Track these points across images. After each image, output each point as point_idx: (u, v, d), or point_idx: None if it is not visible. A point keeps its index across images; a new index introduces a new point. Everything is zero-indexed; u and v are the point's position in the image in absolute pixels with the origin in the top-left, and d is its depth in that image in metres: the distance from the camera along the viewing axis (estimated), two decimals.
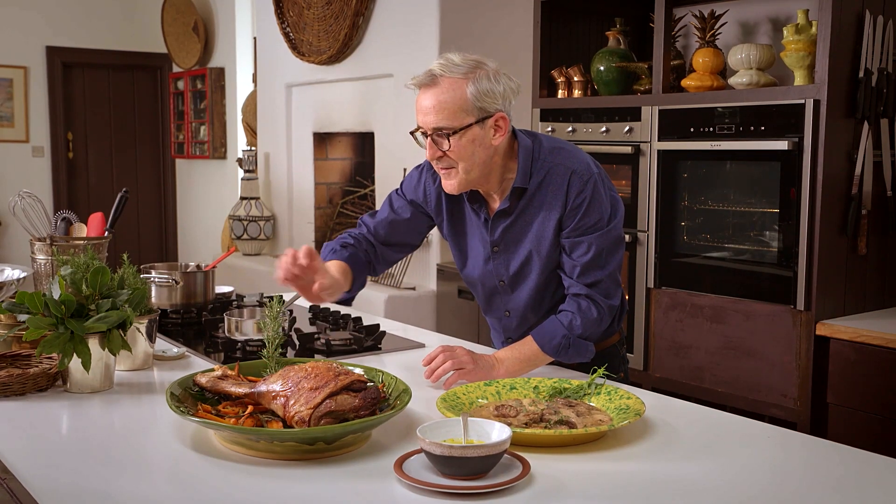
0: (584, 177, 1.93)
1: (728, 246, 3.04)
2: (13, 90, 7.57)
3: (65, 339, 1.80)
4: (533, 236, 1.99)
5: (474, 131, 1.87)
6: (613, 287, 2.00)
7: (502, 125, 1.91)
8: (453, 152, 1.88)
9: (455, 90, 1.85)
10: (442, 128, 1.87)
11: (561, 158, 1.96)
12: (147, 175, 8.35)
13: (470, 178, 1.93)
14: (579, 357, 1.97)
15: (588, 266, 1.95)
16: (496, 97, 1.87)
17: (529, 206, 1.98)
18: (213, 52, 7.18)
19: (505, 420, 1.64)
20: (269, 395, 1.61)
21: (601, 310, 1.97)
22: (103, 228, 2.58)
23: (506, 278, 2.07)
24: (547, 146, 1.99)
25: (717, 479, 1.44)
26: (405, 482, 1.37)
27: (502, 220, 2.01)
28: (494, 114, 1.89)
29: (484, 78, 1.86)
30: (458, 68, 1.85)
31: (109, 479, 1.40)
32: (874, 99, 2.77)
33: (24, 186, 7.56)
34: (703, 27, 3.28)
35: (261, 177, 5.93)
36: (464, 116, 1.86)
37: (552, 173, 1.95)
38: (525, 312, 2.10)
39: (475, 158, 1.90)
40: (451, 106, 1.85)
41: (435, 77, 1.86)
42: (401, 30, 4.47)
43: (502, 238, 2.03)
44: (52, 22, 7.65)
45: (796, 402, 2.81)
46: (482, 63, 1.89)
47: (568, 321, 1.95)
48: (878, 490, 1.42)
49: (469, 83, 1.85)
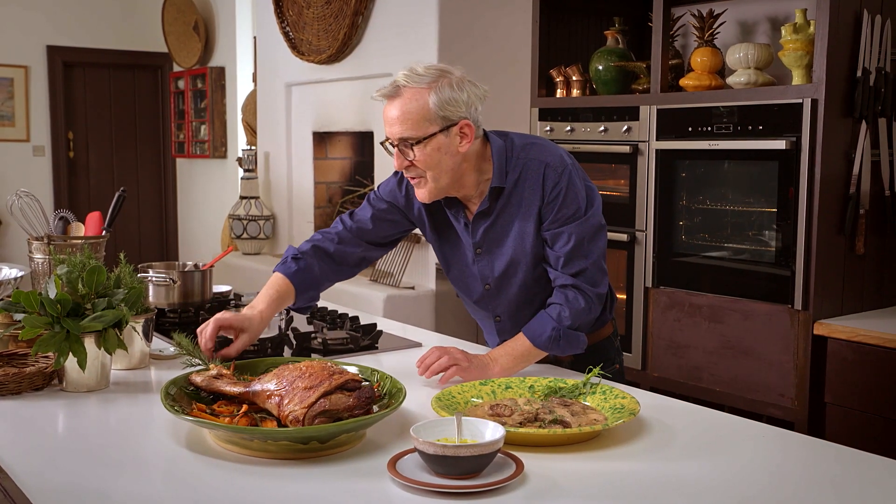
0: (559, 169, 1.96)
1: (726, 245, 3.04)
2: (14, 89, 7.58)
3: (60, 338, 1.80)
4: (515, 234, 2.01)
5: (439, 140, 1.89)
6: (599, 275, 2.00)
7: (468, 132, 1.92)
8: (420, 161, 1.91)
9: (417, 100, 1.87)
10: (406, 138, 1.89)
11: (534, 153, 1.99)
12: (148, 174, 8.36)
13: (439, 185, 1.95)
14: (572, 349, 1.98)
15: (571, 255, 1.97)
16: (459, 105, 1.89)
17: (508, 204, 2.00)
18: (214, 52, 7.18)
19: (499, 419, 1.64)
20: (263, 394, 1.61)
21: (588, 298, 1.97)
22: (101, 227, 2.59)
23: (491, 280, 2.08)
24: (519, 143, 2.01)
25: (712, 478, 1.43)
26: (399, 481, 1.37)
27: (483, 222, 2.03)
28: (458, 122, 1.90)
29: (446, 87, 1.88)
30: (421, 78, 1.87)
31: (104, 479, 1.41)
32: (872, 98, 2.77)
33: (25, 186, 7.58)
34: (701, 26, 3.28)
35: (260, 176, 5.93)
36: (427, 126, 1.87)
37: (527, 168, 1.97)
38: (516, 314, 2.10)
39: (442, 166, 1.92)
40: (414, 116, 1.87)
41: (398, 88, 1.89)
42: (400, 29, 4.47)
43: (484, 239, 2.04)
44: (53, 21, 7.66)
45: (794, 401, 2.81)
46: (446, 72, 1.90)
47: (556, 313, 1.96)
48: (875, 490, 1.42)
49: (431, 93, 1.87)
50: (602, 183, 3.53)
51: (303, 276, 2.11)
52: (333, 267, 2.16)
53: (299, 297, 2.12)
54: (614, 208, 3.37)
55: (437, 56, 4.22)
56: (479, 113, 1.94)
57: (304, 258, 2.13)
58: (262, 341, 2.22)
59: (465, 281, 2.14)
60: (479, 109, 1.94)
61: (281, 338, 2.28)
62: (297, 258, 2.13)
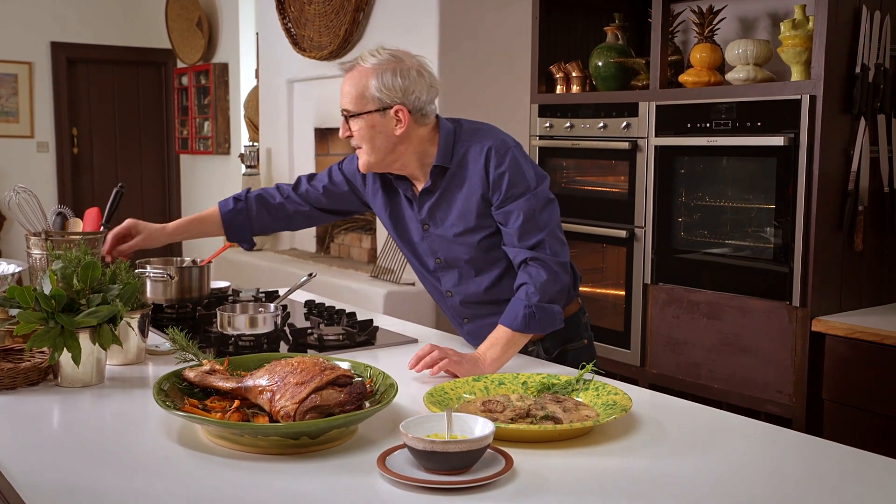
0: (501, 150, 2.05)
1: (725, 242, 3.04)
2: (18, 86, 7.60)
3: (55, 333, 1.80)
4: (458, 212, 2.11)
5: (374, 118, 2.03)
6: (557, 245, 2.06)
7: (402, 118, 2.04)
8: (356, 133, 2.06)
9: (361, 79, 2.03)
10: (346, 109, 2.06)
11: (479, 137, 2.10)
12: (151, 171, 8.37)
13: (371, 160, 2.09)
14: (550, 323, 2.02)
15: (525, 229, 2.04)
16: (396, 91, 2.02)
17: (452, 183, 2.10)
18: (217, 48, 7.19)
19: (491, 415, 1.64)
20: (255, 389, 1.61)
21: (550, 269, 2.02)
22: (98, 223, 2.59)
23: (440, 255, 2.19)
24: (467, 128, 2.13)
25: (702, 476, 1.43)
26: (388, 477, 1.37)
27: (428, 199, 2.14)
28: (393, 106, 2.02)
29: (389, 72, 2.01)
30: (372, 60, 2.03)
31: (95, 474, 1.41)
32: (871, 95, 2.76)
33: (29, 182, 7.61)
34: (701, 22, 3.27)
35: (262, 172, 5.94)
36: (364, 103, 2.03)
37: (471, 150, 2.08)
38: (465, 289, 2.19)
39: (375, 143, 2.06)
40: (354, 92, 2.03)
41: (353, 64, 2.06)
42: (401, 25, 4.47)
43: (430, 216, 2.15)
44: (57, 17, 7.67)
45: (791, 398, 2.81)
46: (400, 60, 2.04)
47: (524, 293, 2.01)
48: (867, 488, 1.41)
49: (374, 75, 2.01)
50: (601, 179, 3.53)
51: (234, 215, 2.41)
52: (270, 218, 2.41)
53: (228, 231, 2.42)
54: (613, 205, 3.37)
55: (438, 52, 4.22)
56: (424, 102, 2.05)
57: (244, 202, 2.41)
58: (257, 337, 2.23)
59: (417, 256, 2.25)
60: (423, 99, 2.05)
61: (277, 333, 2.28)
62: (237, 199, 2.42)
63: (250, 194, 2.43)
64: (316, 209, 2.38)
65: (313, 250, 5.46)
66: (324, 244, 5.42)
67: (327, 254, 5.38)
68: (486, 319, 2.15)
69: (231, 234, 2.44)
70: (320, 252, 5.42)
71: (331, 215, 2.44)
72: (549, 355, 2.21)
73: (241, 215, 2.42)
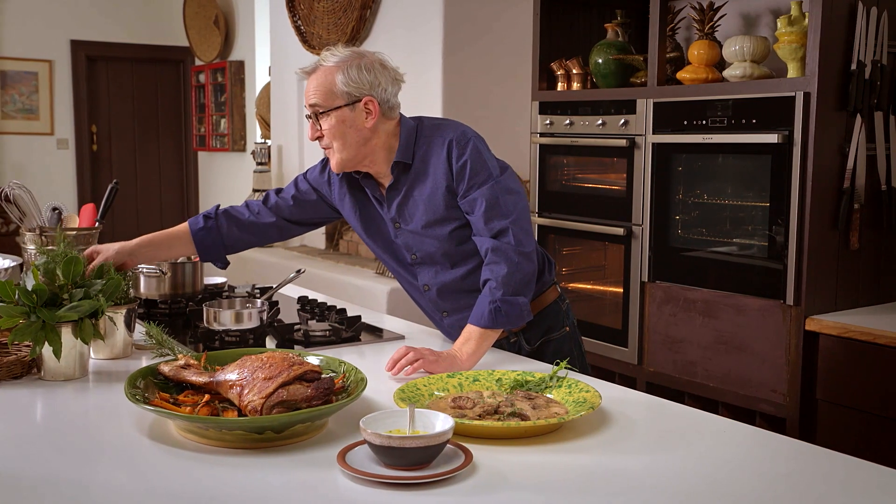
0: (462, 141, 2.09)
1: (720, 240, 3.02)
2: (38, 83, 7.71)
3: (36, 327, 1.83)
4: (425, 207, 2.13)
5: (344, 112, 2.05)
6: (522, 234, 2.07)
7: (372, 108, 2.07)
8: (327, 132, 2.07)
9: (327, 76, 2.05)
10: (315, 104, 2.06)
11: (440, 131, 2.13)
12: (170, 167, 8.45)
13: (344, 157, 2.10)
14: (518, 317, 2.02)
15: (488, 216, 2.05)
16: (364, 84, 2.05)
17: (416, 179, 2.13)
18: (234, 46, 7.25)
19: (460, 411, 1.65)
20: (226, 384, 1.63)
21: (511, 260, 2.02)
22: (94, 219, 2.62)
23: (415, 251, 2.20)
24: (428, 124, 2.17)
25: (662, 472, 1.43)
26: (347, 472, 1.38)
27: (395, 196, 2.16)
28: (363, 98, 2.05)
29: (354, 67, 2.05)
30: (334, 58, 2.06)
31: (58, 466, 1.43)
32: (867, 91, 2.72)
33: (49, 178, 7.71)
34: (701, 19, 3.25)
35: (274, 169, 5.97)
36: (333, 99, 2.05)
37: (433, 145, 2.11)
38: (442, 281, 2.20)
39: (347, 139, 2.07)
40: (322, 89, 2.05)
41: (316, 66, 2.08)
42: (406, 23, 4.48)
43: (399, 213, 2.17)
44: (77, 16, 7.77)
45: (786, 397, 2.79)
46: (362, 55, 2.08)
47: (488, 289, 2.02)
48: (825, 485, 1.41)
49: (339, 71, 2.04)
50: (600, 177, 3.52)
51: (206, 234, 2.34)
52: (241, 234, 2.37)
53: (201, 252, 2.36)
54: (612, 202, 3.36)
55: (443, 49, 4.22)
56: (390, 94, 2.10)
57: (214, 219, 2.36)
58: (242, 332, 2.25)
59: (391, 254, 2.26)
60: (389, 91, 2.09)
61: (263, 329, 2.30)
62: (207, 217, 2.37)
63: (220, 211, 2.38)
64: (288, 221, 2.37)
65: (322, 247, 5.49)
66: (333, 241, 5.45)
67: (336, 250, 5.40)
68: (467, 312, 2.13)
69: (204, 254, 2.37)
70: (329, 249, 5.45)
71: (303, 227, 2.41)
72: (531, 346, 2.21)
73: (213, 234, 2.35)
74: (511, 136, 4.29)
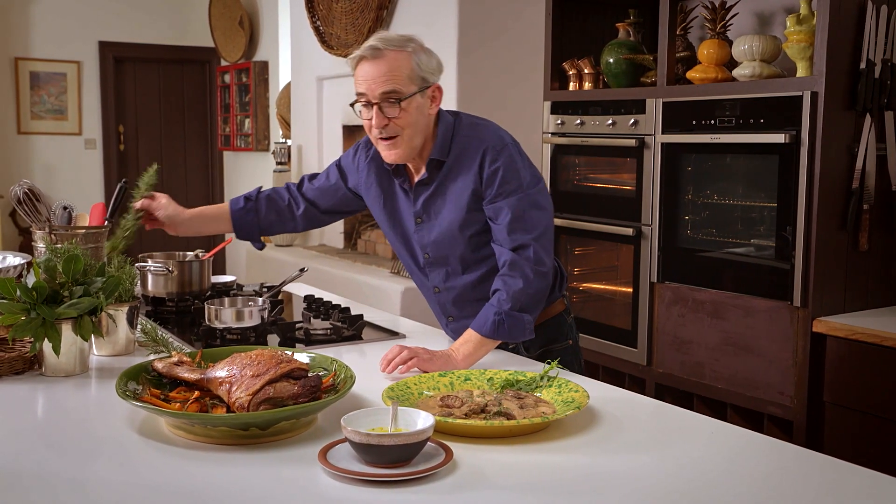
0: (497, 147, 2.04)
1: (729, 241, 3.00)
2: (67, 84, 7.81)
3: (36, 324, 1.87)
4: (451, 206, 2.10)
5: (417, 100, 2.01)
6: (542, 252, 2.03)
7: (438, 96, 2.05)
8: (401, 119, 2.00)
9: (401, 60, 1.98)
10: (394, 91, 1.97)
11: (476, 132, 2.08)
12: (195, 167, 8.53)
13: (413, 145, 2.05)
14: (519, 333, 2.00)
15: (512, 227, 2.02)
16: (433, 70, 2.04)
17: (448, 177, 2.09)
18: (258, 46, 7.30)
19: (448, 410, 1.66)
20: (216, 381, 1.65)
21: (527, 277, 2.00)
22: (103, 218, 2.66)
23: (430, 250, 2.17)
24: (465, 122, 2.12)
25: (641, 472, 1.43)
26: (327, 470, 1.40)
27: (423, 191, 2.13)
28: (432, 84, 2.03)
29: (421, 51, 2.02)
30: (397, 41, 2.00)
31: (46, 461, 1.45)
32: (877, 91, 2.69)
33: (77, 178, 7.81)
34: (713, 18, 3.23)
35: (294, 168, 6.01)
36: (410, 84, 1.99)
37: (468, 147, 2.07)
38: (453, 285, 2.19)
39: (418, 126, 2.03)
40: (401, 73, 1.97)
41: (379, 50, 1.98)
42: (422, 22, 4.49)
43: (424, 209, 2.14)
44: (105, 18, 7.87)
45: (793, 400, 2.76)
46: (414, 38, 2.04)
47: (496, 300, 2.00)
48: (807, 488, 1.40)
49: (412, 55, 1.99)
50: (611, 177, 3.51)
51: (244, 214, 2.40)
52: (278, 219, 2.41)
53: (238, 231, 2.42)
54: (622, 202, 3.35)
55: (457, 49, 4.23)
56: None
57: (254, 202, 2.41)
58: (244, 331, 2.27)
59: (407, 249, 2.23)
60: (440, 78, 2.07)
61: (264, 327, 2.33)
62: (248, 199, 2.42)
63: (261, 194, 2.42)
64: (317, 210, 2.38)
65: (341, 246, 5.52)
66: (351, 240, 5.47)
67: (354, 250, 5.43)
68: (471, 320, 2.11)
69: (241, 233, 2.43)
70: (347, 248, 5.48)
71: (330, 216, 2.42)
72: (529, 354, 2.20)
73: (251, 214, 2.41)
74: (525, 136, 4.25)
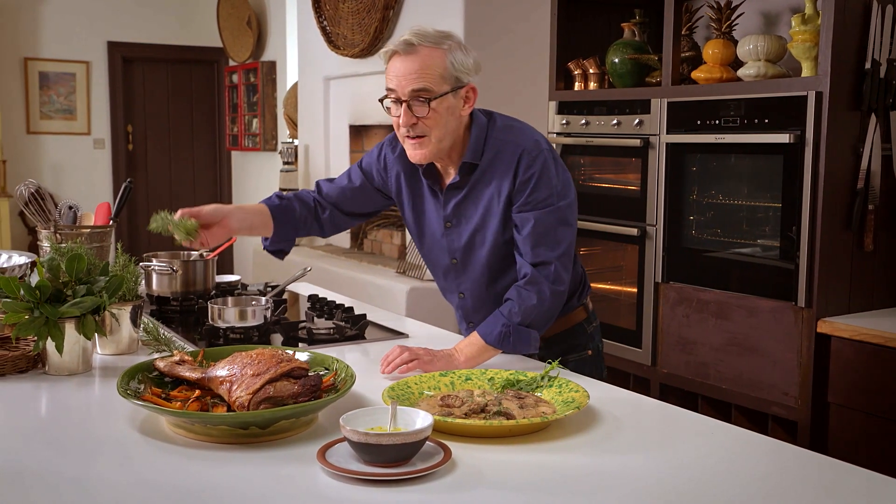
0: (533, 153, 1.97)
1: (733, 241, 2.99)
2: (76, 84, 7.84)
3: (39, 323, 1.87)
4: (483, 211, 2.03)
5: (449, 100, 1.93)
6: (563, 271, 1.99)
7: (472, 96, 1.97)
8: (430, 119, 1.92)
9: (435, 58, 1.90)
10: (425, 89, 1.90)
11: (512, 136, 2.00)
12: (204, 167, 8.55)
13: (441, 146, 1.97)
14: (524, 347, 1.97)
15: (537, 241, 1.96)
16: (469, 69, 1.94)
17: (480, 181, 2.02)
18: (266, 46, 7.32)
19: (448, 410, 1.66)
20: (216, 380, 1.66)
21: (542, 295, 1.96)
22: (108, 217, 2.67)
23: (458, 255, 2.11)
24: (500, 124, 2.03)
25: (640, 472, 1.43)
26: (325, 469, 1.40)
27: (454, 195, 2.06)
28: (466, 84, 1.95)
29: (457, 49, 1.93)
30: (433, 37, 1.92)
31: (46, 459, 1.46)
32: (882, 91, 2.68)
33: (86, 177, 7.83)
34: (718, 18, 3.22)
35: (301, 168, 6.03)
36: (442, 83, 1.91)
37: (503, 150, 1.99)
38: (479, 292, 2.13)
39: (448, 127, 1.95)
40: (433, 71, 1.90)
41: (413, 45, 1.90)
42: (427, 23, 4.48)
43: (454, 213, 2.07)
44: (113, 18, 7.90)
45: (797, 400, 2.75)
46: (452, 35, 1.96)
47: (507, 310, 1.97)
48: (804, 487, 1.40)
49: (447, 53, 1.91)
50: (616, 177, 3.51)
51: (283, 210, 2.21)
52: (310, 217, 2.25)
53: (277, 228, 2.21)
54: (626, 202, 3.34)
55: None
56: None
57: (286, 199, 2.24)
58: (247, 330, 2.28)
59: (434, 253, 2.17)
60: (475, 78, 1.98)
61: (267, 326, 2.33)
62: (280, 196, 2.25)
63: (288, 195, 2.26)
64: (341, 212, 2.26)
65: (347, 246, 5.53)
66: (357, 240, 5.48)
67: (360, 249, 5.44)
68: None
69: (280, 233, 2.23)
70: (354, 248, 5.48)
71: (355, 218, 2.30)
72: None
73: (288, 213, 2.22)
74: None
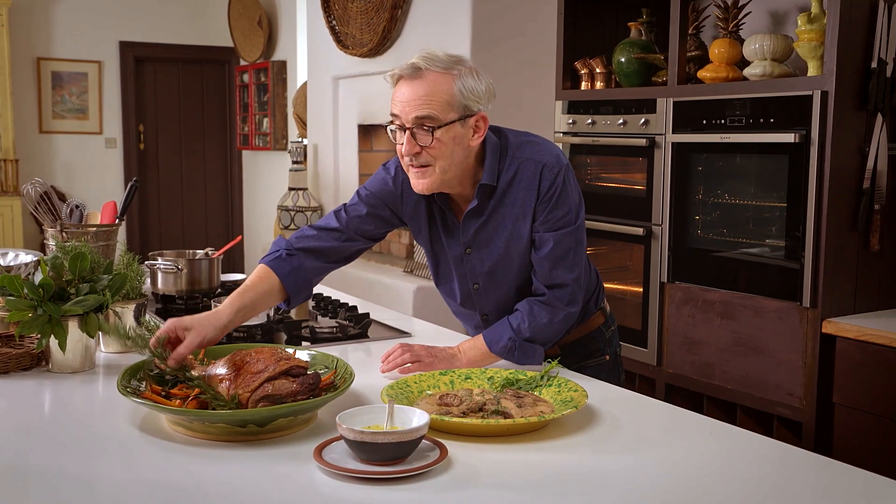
0: (555, 169, 1.90)
1: (739, 241, 2.98)
2: (88, 84, 7.89)
3: (42, 321, 1.89)
4: (507, 235, 1.95)
5: (456, 129, 1.83)
6: (578, 293, 1.95)
7: (482, 126, 1.87)
8: (433, 149, 1.82)
9: (442, 84, 1.80)
10: (429, 117, 1.80)
11: (530, 153, 1.92)
12: (215, 166, 8.59)
13: (445, 178, 1.87)
14: (528, 361, 1.93)
15: (555, 263, 1.91)
16: (480, 97, 1.84)
17: (501, 204, 1.93)
18: (276, 46, 7.34)
19: (446, 408, 1.67)
20: (216, 378, 1.67)
21: (554, 315, 1.92)
22: (114, 216, 2.69)
23: (480, 280, 2.02)
24: (514, 142, 1.95)
25: (637, 471, 1.43)
26: (322, 467, 1.41)
27: (474, 221, 1.96)
28: (476, 113, 1.85)
29: (468, 75, 1.83)
30: (442, 62, 1.82)
31: (46, 456, 1.47)
32: (888, 90, 2.66)
33: (98, 176, 7.88)
34: (725, 17, 3.21)
35: (310, 168, 6.04)
36: (448, 111, 1.81)
37: (523, 169, 1.91)
38: (505, 313, 2.02)
39: (453, 157, 1.85)
40: (439, 99, 1.80)
41: (420, 70, 1.81)
42: (435, 22, 4.50)
43: (475, 238, 1.97)
44: (125, 18, 7.94)
45: (802, 401, 2.74)
46: (463, 60, 1.86)
47: (517, 324, 1.93)
48: (803, 489, 1.39)
49: (456, 79, 1.81)
50: (622, 176, 3.50)
51: (295, 276, 1.99)
52: (323, 264, 2.05)
53: (293, 299, 2.02)
54: (632, 202, 3.34)
55: (471, 48, 4.23)
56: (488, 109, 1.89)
57: (297, 256, 2.01)
58: (250, 328, 2.29)
59: (451, 280, 2.08)
60: (489, 106, 1.89)
61: (271, 325, 2.34)
62: (290, 254, 2.01)
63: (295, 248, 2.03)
64: (363, 238, 2.09)
65: None
66: None
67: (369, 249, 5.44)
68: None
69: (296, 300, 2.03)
70: None
71: (374, 242, 2.14)
72: None
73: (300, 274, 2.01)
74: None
